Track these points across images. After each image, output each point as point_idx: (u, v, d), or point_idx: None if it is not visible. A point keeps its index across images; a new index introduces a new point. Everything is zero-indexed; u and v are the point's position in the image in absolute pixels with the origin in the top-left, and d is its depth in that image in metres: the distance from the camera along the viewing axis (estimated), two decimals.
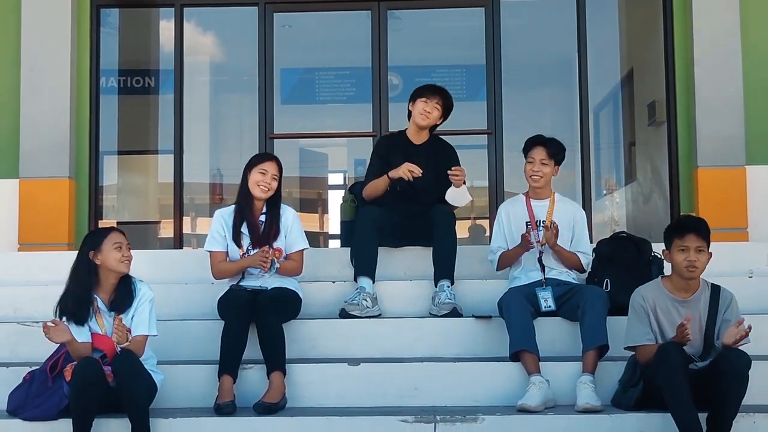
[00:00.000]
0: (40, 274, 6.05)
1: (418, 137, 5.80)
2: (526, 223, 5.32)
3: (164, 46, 8.74)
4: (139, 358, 4.42)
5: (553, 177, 5.41)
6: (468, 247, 5.73)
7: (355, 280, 5.42)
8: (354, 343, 5.15)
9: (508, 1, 8.18)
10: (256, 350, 4.78)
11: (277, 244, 5.14)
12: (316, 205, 11.42)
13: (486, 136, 8.11)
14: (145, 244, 8.70)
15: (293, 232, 5.21)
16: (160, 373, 4.62)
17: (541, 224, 5.30)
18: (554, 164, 5.35)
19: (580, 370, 4.70)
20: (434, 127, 5.83)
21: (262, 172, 5.15)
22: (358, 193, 5.96)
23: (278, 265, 5.08)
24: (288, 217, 5.22)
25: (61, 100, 7.52)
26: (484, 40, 8.10)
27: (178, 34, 8.19)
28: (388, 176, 5.57)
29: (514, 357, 4.79)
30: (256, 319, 4.81)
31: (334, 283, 5.63)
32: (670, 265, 4.57)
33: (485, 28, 8.09)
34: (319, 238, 10.76)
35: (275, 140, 8.18)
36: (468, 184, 5.54)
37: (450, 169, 5.40)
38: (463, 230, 9.66)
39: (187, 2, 8.24)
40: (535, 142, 5.36)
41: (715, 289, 4.54)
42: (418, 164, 5.47)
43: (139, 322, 4.55)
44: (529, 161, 5.36)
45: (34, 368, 4.62)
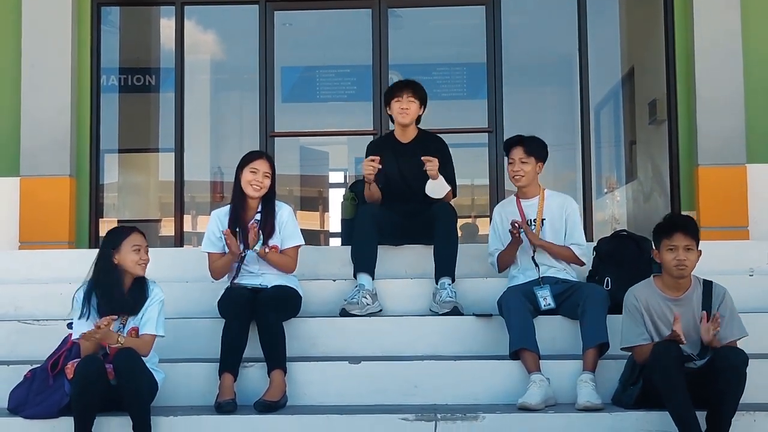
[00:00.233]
0: (41, 272, 6.06)
1: (404, 136, 5.81)
2: (511, 221, 5.26)
3: (165, 44, 8.74)
4: (144, 358, 4.42)
5: (539, 174, 5.38)
6: (464, 245, 5.71)
7: (355, 276, 5.42)
8: (354, 342, 5.15)
9: None
10: (256, 348, 4.78)
11: (272, 241, 5.13)
12: (316, 203, 11.41)
13: (487, 134, 8.10)
14: None
15: (288, 227, 5.19)
16: (161, 371, 4.62)
17: (533, 223, 5.31)
18: (535, 161, 5.34)
19: (581, 369, 4.70)
20: (419, 120, 5.82)
21: (253, 171, 5.14)
22: (359, 191, 5.96)
23: (266, 248, 5.04)
24: (283, 214, 5.21)
25: (61, 98, 7.51)
26: (485, 39, 8.10)
27: (178, 32, 8.19)
28: (365, 181, 5.59)
29: (515, 355, 4.79)
30: (257, 318, 4.81)
31: (334, 281, 5.63)
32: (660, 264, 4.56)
33: (486, 27, 8.09)
34: (319, 237, 10.75)
35: (276, 138, 8.18)
36: (469, 183, 5.54)
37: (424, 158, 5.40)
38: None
39: (187, 0, 8.23)
40: (513, 143, 5.38)
41: (707, 286, 4.51)
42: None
43: (147, 321, 4.54)
44: (509, 162, 5.38)
45: (35, 366, 4.62)
